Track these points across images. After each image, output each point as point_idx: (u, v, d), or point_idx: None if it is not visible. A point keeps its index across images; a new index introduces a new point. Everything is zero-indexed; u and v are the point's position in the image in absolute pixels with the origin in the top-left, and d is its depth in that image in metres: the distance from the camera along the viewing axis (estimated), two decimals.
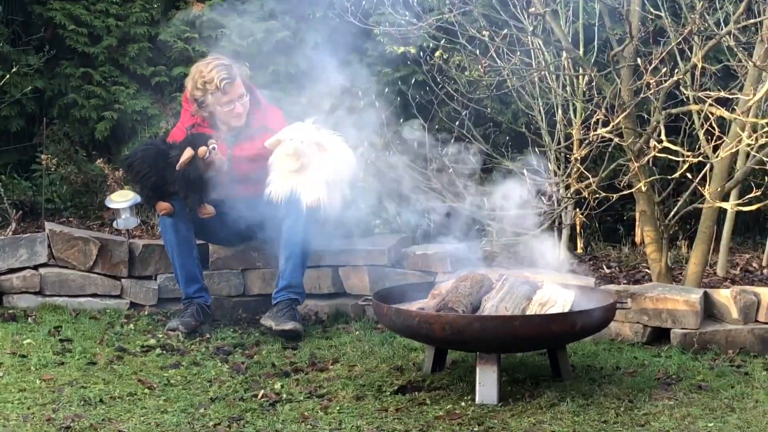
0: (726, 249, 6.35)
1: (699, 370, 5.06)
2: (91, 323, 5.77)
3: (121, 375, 4.96)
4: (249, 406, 4.56)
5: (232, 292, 6.14)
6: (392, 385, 4.82)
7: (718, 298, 5.50)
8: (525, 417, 4.42)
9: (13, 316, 5.80)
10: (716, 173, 5.77)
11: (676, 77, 5.50)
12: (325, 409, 4.53)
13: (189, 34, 7.17)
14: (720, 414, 4.47)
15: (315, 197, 5.66)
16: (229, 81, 5.79)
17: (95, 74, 7.05)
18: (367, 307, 5.91)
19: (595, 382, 4.86)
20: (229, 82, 5.78)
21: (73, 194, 6.84)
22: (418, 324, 4.62)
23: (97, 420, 4.34)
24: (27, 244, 6.05)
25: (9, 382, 4.78)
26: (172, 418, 4.39)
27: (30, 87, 6.90)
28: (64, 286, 6.05)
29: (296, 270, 5.69)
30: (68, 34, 7.02)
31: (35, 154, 6.95)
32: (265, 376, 5.00)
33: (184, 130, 5.84)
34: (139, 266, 6.10)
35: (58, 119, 7.09)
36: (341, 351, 5.39)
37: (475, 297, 4.81)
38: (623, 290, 5.55)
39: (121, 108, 7.01)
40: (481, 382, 4.59)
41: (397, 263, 6.13)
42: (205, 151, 5.57)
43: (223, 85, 5.77)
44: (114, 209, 6.09)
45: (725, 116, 5.47)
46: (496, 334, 4.55)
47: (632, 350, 5.38)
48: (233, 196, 5.95)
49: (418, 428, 4.30)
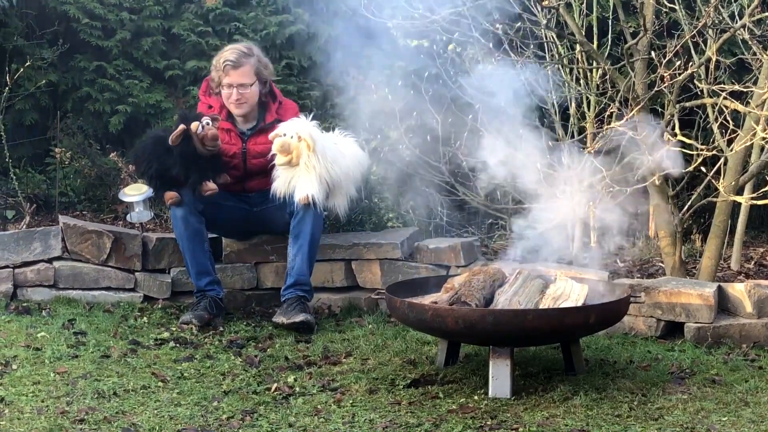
0: (740, 243, 6.33)
1: (713, 364, 5.05)
2: (105, 316, 5.79)
3: (134, 368, 4.97)
4: (262, 400, 4.57)
5: (245, 286, 6.14)
6: (405, 378, 4.82)
7: (732, 292, 5.48)
8: (538, 411, 4.41)
9: (27, 309, 5.82)
10: (730, 167, 5.75)
11: (690, 70, 5.49)
12: (338, 402, 4.54)
13: (202, 27, 7.17)
14: (734, 408, 4.45)
15: (304, 194, 5.65)
16: (232, 65, 5.81)
17: (109, 68, 7.07)
18: (380, 300, 5.91)
19: (608, 376, 4.85)
20: (231, 66, 5.81)
21: (86, 188, 6.86)
22: (431, 318, 4.62)
23: (111, 413, 4.36)
24: (41, 238, 6.06)
25: (23, 375, 4.80)
26: (185, 411, 4.40)
27: (44, 81, 6.91)
28: (78, 280, 6.07)
29: (304, 266, 5.69)
30: (82, 28, 7.03)
31: (49, 148, 6.97)
32: (278, 369, 5.01)
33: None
34: (152, 259, 6.11)
35: (72, 113, 7.11)
36: (354, 344, 5.40)
37: (489, 291, 4.81)
38: (637, 284, 5.54)
39: (134, 101, 7.02)
40: (494, 375, 4.58)
41: (410, 257, 6.13)
42: (197, 126, 5.59)
43: (225, 66, 5.81)
44: (127, 203, 6.11)
45: (740, 109, 5.45)
46: (510, 327, 4.55)
47: (646, 344, 5.37)
48: (246, 190, 5.97)
49: (431, 422, 4.30)
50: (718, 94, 5.43)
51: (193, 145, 5.63)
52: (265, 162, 5.82)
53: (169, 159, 5.66)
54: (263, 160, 5.84)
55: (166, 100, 7.10)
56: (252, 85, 5.87)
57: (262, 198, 5.93)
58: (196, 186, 5.70)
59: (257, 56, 5.92)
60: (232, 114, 5.94)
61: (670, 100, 5.60)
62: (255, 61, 5.88)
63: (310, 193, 5.66)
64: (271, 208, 5.87)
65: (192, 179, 5.69)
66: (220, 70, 5.85)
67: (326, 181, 5.74)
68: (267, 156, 5.80)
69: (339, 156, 5.82)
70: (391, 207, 6.73)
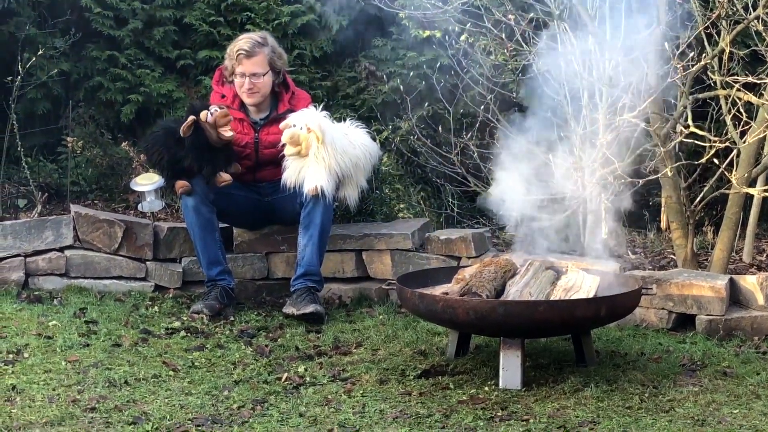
0: (752, 235, 6.31)
1: (724, 356, 5.03)
2: (116, 305, 5.80)
3: (145, 357, 4.98)
4: (273, 389, 4.57)
5: (255, 276, 6.15)
6: (416, 369, 4.82)
7: (744, 284, 5.47)
8: (548, 402, 4.41)
9: (38, 298, 5.83)
10: (743, 159, 5.73)
11: (704, 62, 5.46)
12: (348, 392, 4.54)
13: (214, 17, 7.17)
14: (745, 401, 4.44)
15: (314, 185, 5.64)
16: (245, 54, 5.81)
17: (121, 57, 7.07)
18: (390, 291, 5.91)
19: (619, 367, 4.84)
20: (244, 55, 5.81)
21: (98, 177, 6.86)
22: (441, 308, 4.62)
23: (122, 401, 4.36)
24: (53, 227, 6.07)
25: (35, 363, 4.81)
26: (196, 400, 4.41)
27: (56, 70, 6.91)
28: (90, 268, 6.08)
29: (313, 256, 5.69)
30: (94, 17, 7.03)
31: (61, 137, 6.97)
32: (288, 359, 5.01)
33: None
34: (163, 249, 6.12)
35: (84, 102, 7.11)
36: (365, 335, 5.40)
37: (499, 282, 4.80)
38: (648, 276, 5.52)
39: (146, 91, 7.02)
40: (505, 367, 4.58)
41: (421, 248, 6.12)
42: (206, 115, 5.59)
43: (238, 55, 5.82)
44: (139, 192, 6.12)
45: (753, 101, 5.43)
46: (520, 319, 4.54)
47: (657, 336, 5.36)
48: (258, 179, 5.97)
49: (442, 412, 4.30)
50: (731, 85, 5.41)
51: (204, 136, 5.63)
52: (277, 152, 5.82)
53: (180, 150, 5.66)
54: (275, 150, 5.84)
55: (178, 89, 7.10)
56: (265, 75, 5.86)
57: (273, 188, 5.93)
58: (210, 177, 5.70)
59: (271, 46, 5.91)
60: (245, 104, 5.93)
61: (684, 91, 5.58)
62: (269, 51, 5.88)
63: (320, 184, 5.65)
64: (282, 198, 5.87)
65: (206, 170, 5.69)
66: (233, 58, 5.85)
67: (336, 172, 5.73)
68: (279, 146, 5.80)
69: (349, 147, 5.81)
70: (402, 197, 6.73)
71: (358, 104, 7.25)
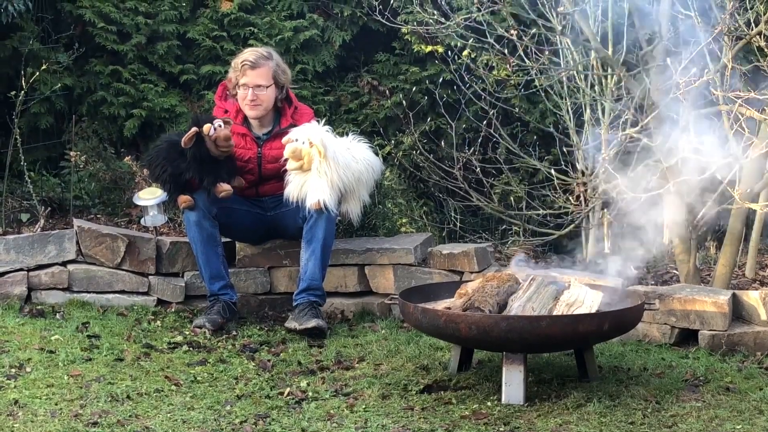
0: (755, 250, 6.31)
1: (727, 371, 5.03)
2: (119, 320, 5.80)
3: (148, 371, 4.98)
4: (275, 404, 4.57)
5: (258, 290, 6.15)
6: (418, 384, 4.81)
7: (747, 299, 5.46)
8: (551, 417, 4.40)
9: (41, 312, 5.84)
10: (746, 174, 5.73)
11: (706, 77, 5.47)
12: (350, 407, 4.53)
13: (217, 32, 7.19)
14: (748, 416, 4.44)
15: (316, 199, 5.65)
16: (250, 65, 5.83)
17: (124, 72, 7.09)
18: (393, 305, 5.91)
19: (622, 383, 4.84)
20: (249, 66, 5.83)
21: (101, 191, 6.87)
22: (444, 323, 4.61)
23: (124, 416, 4.36)
24: (55, 241, 6.08)
25: (37, 378, 4.81)
26: (198, 415, 4.40)
27: (59, 84, 6.94)
28: (92, 283, 6.08)
29: (316, 271, 5.69)
30: (97, 32, 7.06)
31: (64, 151, 6.99)
32: (291, 374, 5.01)
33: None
34: (166, 263, 6.12)
35: (87, 116, 7.13)
36: (367, 349, 5.39)
37: (502, 297, 4.80)
38: (651, 291, 5.52)
39: (149, 106, 7.04)
40: (508, 382, 4.57)
41: (423, 262, 6.12)
42: (209, 128, 5.60)
43: (242, 66, 5.83)
44: (142, 206, 6.12)
45: (755, 117, 5.43)
46: (523, 334, 4.54)
47: (660, 351, 5.35)
48: (260, 194, 5.98)
49: (444, 427, 4.30)
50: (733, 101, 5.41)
51: (206, 148, 5.64)
52: (280, 167, 5.83)
53: (182, 163, 5.67)
54: (278, 165, 5.84)
55: (181, 104, 7.12)
56: (268, 88, 5.87)
57: (275, 202, 5.94)
58: (210, 188, 5.71)
59: (276, 60, 5.93)
60: (248, 118, 5.95)
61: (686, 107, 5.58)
62: (273, 65, 5.89)
63: (322, 198, 5.66)
64: (285, 212, 5.88)
65: (206, 182, 5.70)
66: (237, 70, 5.87)
67: (338, 187, 5.73)
68: (281, 161, 5.81)
69: (351, 161, 5.82)
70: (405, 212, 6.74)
71: (360, 119, 7.27)
